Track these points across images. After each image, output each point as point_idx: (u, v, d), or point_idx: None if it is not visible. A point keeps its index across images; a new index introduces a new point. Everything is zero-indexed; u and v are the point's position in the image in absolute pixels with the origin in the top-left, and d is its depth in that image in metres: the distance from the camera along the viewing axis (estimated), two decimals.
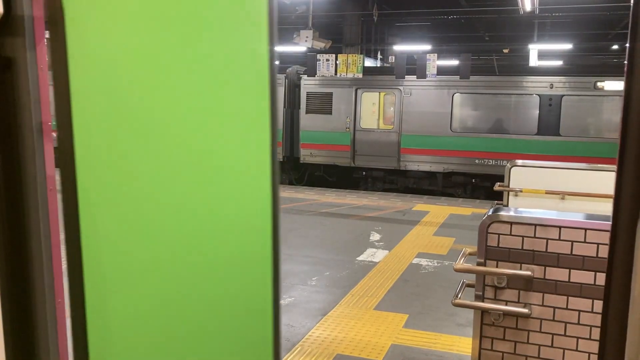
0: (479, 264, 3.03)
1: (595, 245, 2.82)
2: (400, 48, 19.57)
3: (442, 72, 13.92)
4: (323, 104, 15.19)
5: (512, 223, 2.95)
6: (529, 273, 2.91)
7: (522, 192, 6.25)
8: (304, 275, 6.63)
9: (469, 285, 3.21)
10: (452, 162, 14.27)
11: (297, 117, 15.70)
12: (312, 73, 14.75)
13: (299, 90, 15.53)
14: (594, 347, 2.85)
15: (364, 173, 15.35)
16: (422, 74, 13.76)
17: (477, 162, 14.03)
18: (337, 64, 14.32)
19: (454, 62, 16.79)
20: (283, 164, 15.60)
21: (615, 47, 19.92)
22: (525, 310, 2.92)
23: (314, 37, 14.49)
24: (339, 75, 14.37)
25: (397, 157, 14.74)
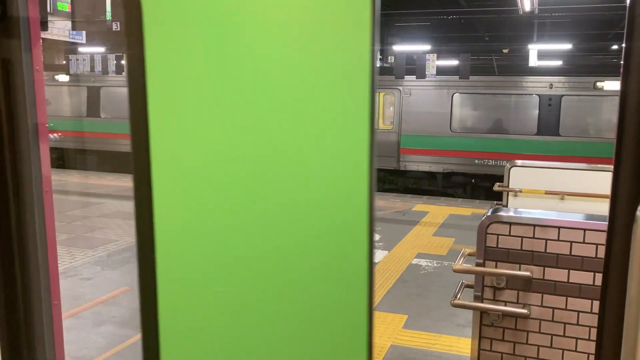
0: (478, 265, 3.03)
1: (594, 246, 2.81)
2: (400, 48, 19.58)
3: (441, 72, 13.93)
4: None
5: (511, 223, 2.95)
6: (528, 274, 2.90)
7: (521, 192, 6.24)
8: None
9: (468, 286, 3.21)
10: (451, 162, 14.27)
11: None
12: None
13: None
14: (593, 347, 2.85)
15: None
16: (421, 74, 13.75)
17: (476, 162, 14.03)
18: None
19: (454, 62, 16.79)
20: None
21: (615, 47, 19.92)
22: (524, 311, 2.92)
23: None
24: None
25: (396, 157, 14.73)
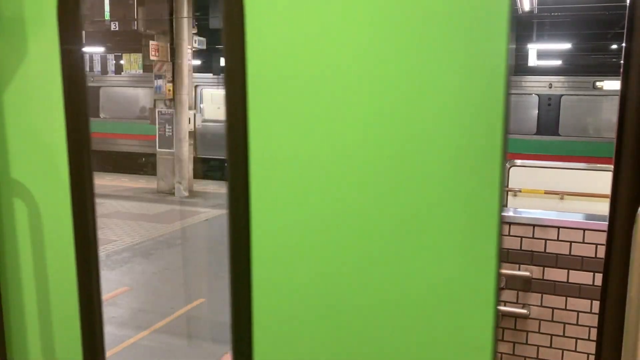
0: None
1: (594, 246, 2.81)
2: None
3: None
4: None
5: (510, 223, 2.94)
6: (528, 274, 2.90)
7: (521, 192, 6.24)
8: None
9: None
10: None
11: None
12: None
13: None
14: (593, 347, 2.84)
15: None
16: None
17: None
18: None
19: None
20: None
21: (614, 46, 19.92)
22: (524, 311, 2.91)
23: None
24: None
25: None
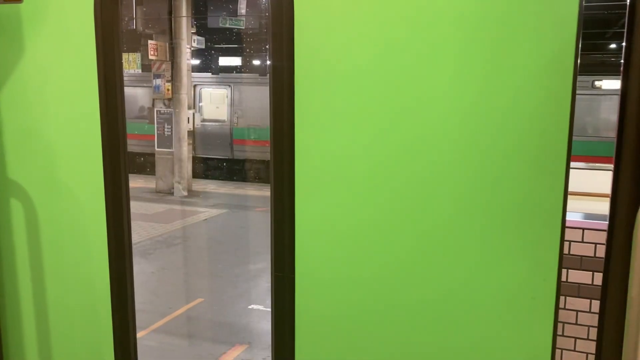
0: None
1: (593, 245, 2.80)
2: None
3: None
4: None
5: None
6: None
7: None
8: None
9: None
10: None
11: None
12: None
13: None
14: (592, 347, 2.84)
15: None
16: None
17: None
18: None
19: None
20: None
21: (613, 46, 19.92)
22: None
23: None
24: None
25: None
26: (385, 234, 1.27)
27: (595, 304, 2.81)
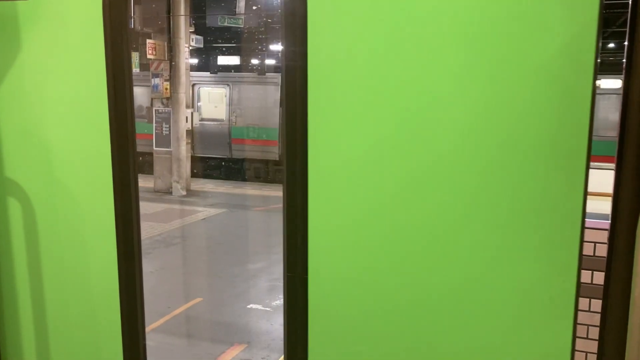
0: None
1: (593, 244, 2.80)
2: None
3: None
4: None
5: None
6: None
7: None
8: None
9: None
10: None
11: None
12: None
13: None
14: (591, 346, 2.83)
15: None
16: None
17: None
18: None
19: None
20: (278, 163, 15.56)
21: (612, 45, 19.93)
22: None
23: None
24: None
25: None
26: (400, 233, 1.27)
27: (595, 303, 2.80)
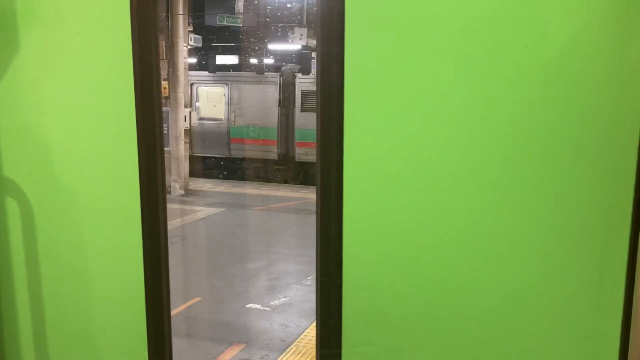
0: None
1: None
2: None
3: None
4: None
5: None
6: None
7: None
8: (299, 275, 6.60)
9: None
10: None
11: (292, 115, 15.65)
12: (306, 71, 14.69)
13: (294, 89, 15.48)
14: None
15: None
16: None
17: None
18: None
19: None
20: (277, 163, 15.55)
21: None
22: None
23: (309, 34, 14.43)
24: None
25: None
26: (439, 239, 1.23)
27: None
